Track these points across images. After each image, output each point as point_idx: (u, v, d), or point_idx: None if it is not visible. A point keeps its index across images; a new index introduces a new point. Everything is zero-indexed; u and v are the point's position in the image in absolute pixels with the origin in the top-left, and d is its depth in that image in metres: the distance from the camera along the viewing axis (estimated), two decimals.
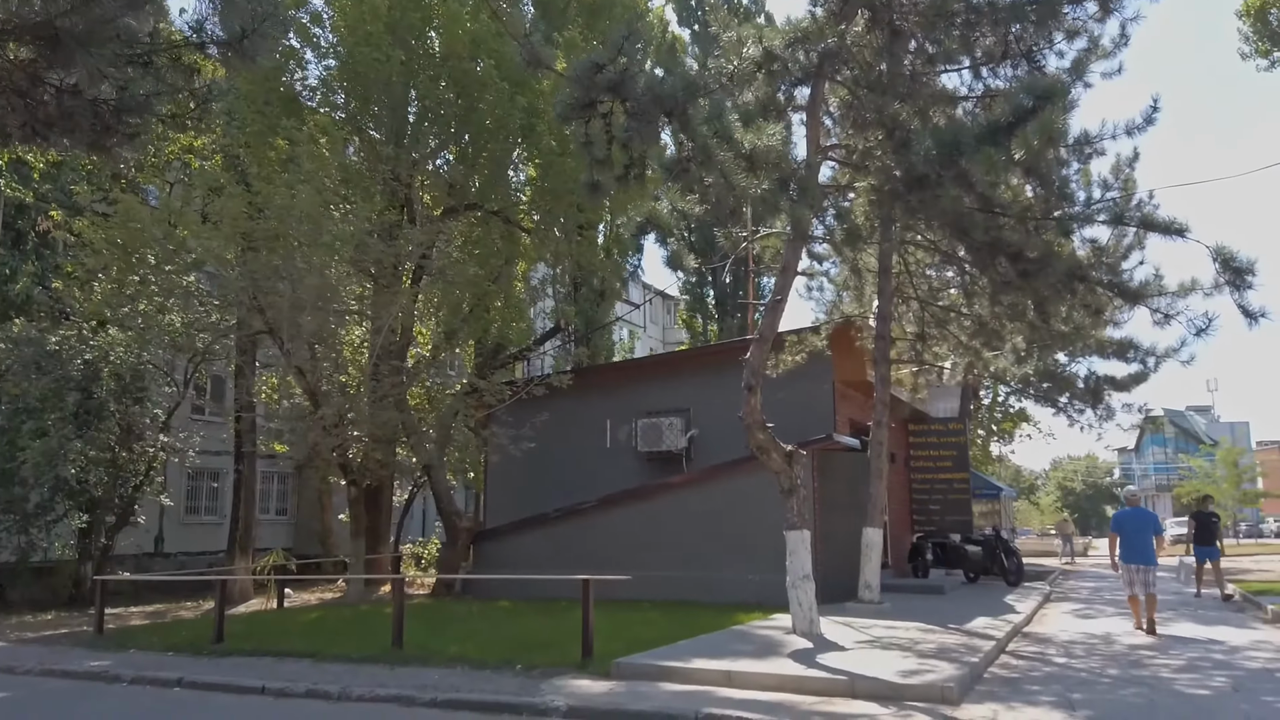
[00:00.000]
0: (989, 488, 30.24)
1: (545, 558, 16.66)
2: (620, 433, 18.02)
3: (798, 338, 15.54)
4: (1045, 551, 43.97)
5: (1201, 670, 9.04)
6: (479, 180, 18.54)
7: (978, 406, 31.74)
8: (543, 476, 18.51)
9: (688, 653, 9.48)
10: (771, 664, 8.78)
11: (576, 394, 18.92)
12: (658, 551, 15.89)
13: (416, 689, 8.45)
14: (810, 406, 16.71)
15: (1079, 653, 10.30)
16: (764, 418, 11.28)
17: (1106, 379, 22.48)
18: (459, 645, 10.53)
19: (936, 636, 10.73)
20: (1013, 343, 15.11)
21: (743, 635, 11.04)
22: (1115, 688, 8.13)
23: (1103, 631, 12.13)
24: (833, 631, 11.21)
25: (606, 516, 16.54)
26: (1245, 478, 55.10)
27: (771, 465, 11.45)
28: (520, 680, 8.77)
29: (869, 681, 7.96)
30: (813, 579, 11.11)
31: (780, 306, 11.18)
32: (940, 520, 21.27)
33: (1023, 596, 16.21)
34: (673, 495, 16.22)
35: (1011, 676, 8.82)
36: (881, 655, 9.33)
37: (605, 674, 8.84)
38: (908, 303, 15.60)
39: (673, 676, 8.57)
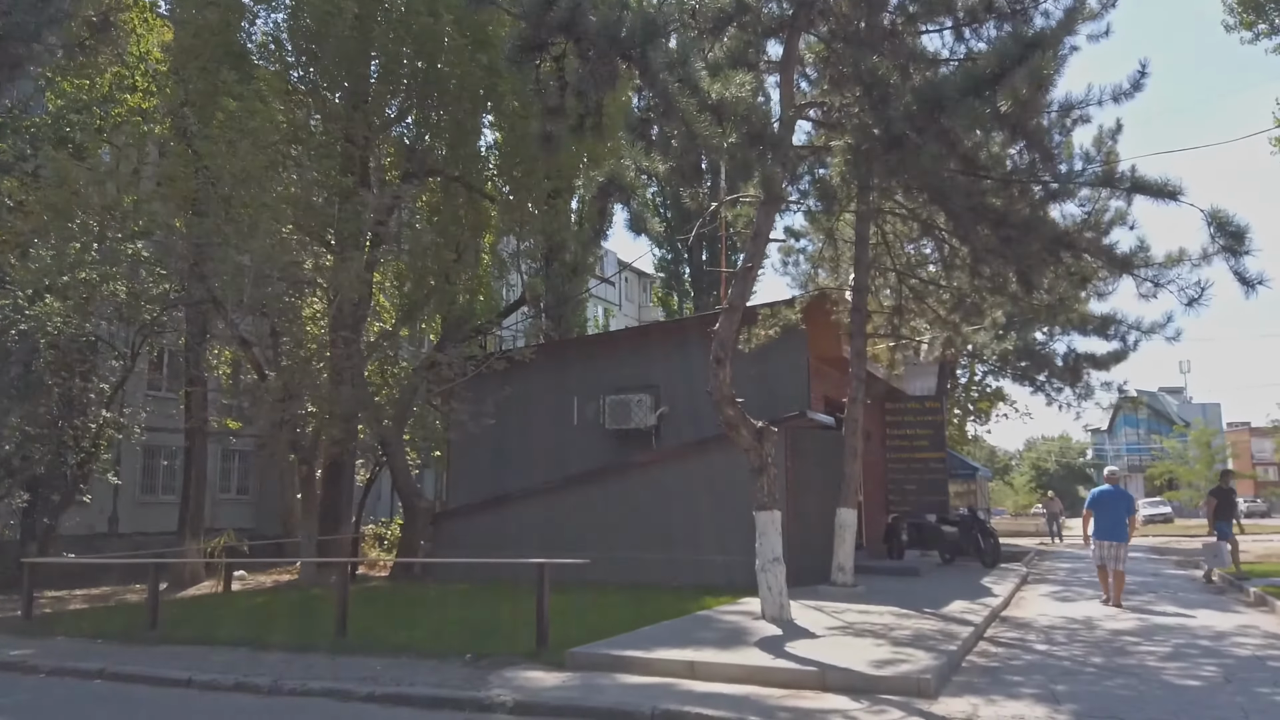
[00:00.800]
0: (964, 468, 29.95)
1: (508, 539, 16.06)
2: (588, 410, 17.38)
3: (771, 311, 14.93)
4: (1020, 531, 43.97)
5: (1189, 658, 8.58)
6: (440, 144, 17.75)
7: (954, 385, 31.40)
8: (508, 455, 17.87)
9: (649, 641, 8.91)
10: (738, 653, 8.23)
11: (543, 370, 18.26)
12: (625, 532, 15.33)
13: (355, 681, 7.83)
14: (784, 383, 16.15)
15: (1060, 639, 9.84)
16: (734, 392, 10.69)
17: (1086, 357, 22.22)
18: (408, 632, 9.92)
19: (912, 622, 10.23)
20: (993, 317, 14.60)
21: (709, 621, 10.50)
22: (1100, 678, 7.64)
23: (1083, 615, 11.69)
24: (804, 617, 10.68)
25: (572, 496, 15.95)
26: (1217, 458, 55.37)
27: (741, 442, 10.88)
28: (468, 671, 8.17)
29: (841, 673, 7.42)
30: (783, 562, 10.58)
31: (751, 274, 10.57)
32: (916, 500, 20.84)
33: (1000, 578, 15.80)
34: (641, 474, 15.64)
35: (990, 665, 8.32)
36: (854, 643, 8.80)
37: (559, 664, 8.25)
38: (885, 275, 15.05)
39: (631, 667, 8.00)
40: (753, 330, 14.90)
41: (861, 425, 13.60)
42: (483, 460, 18.13)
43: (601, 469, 15.99)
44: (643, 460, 15.78)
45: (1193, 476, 55.11)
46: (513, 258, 26.16)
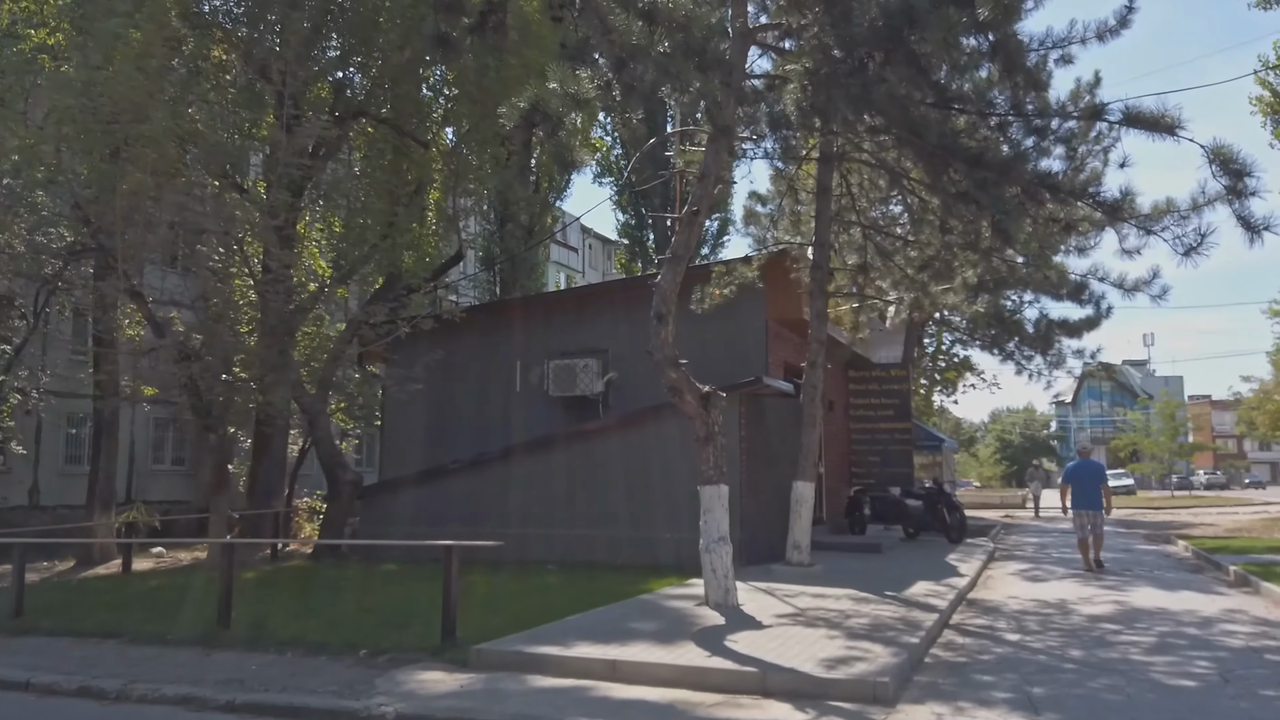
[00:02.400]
0: (930, 439, 29.17)
1: (443, 515, 14.86)
2: (531, 375, 16.20)
3: (726, 269, 13.79)
4: (985, 504, 43.57)
5: (1177, 650, 7.64)
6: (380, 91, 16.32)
7: (921, 355, 30.54)
8: (446, 424, 16.66)
9: (574, 633, 7.81)
10: (671, 649, 7.15)
11: (484, 333, 17.03)
12: (569, 507, 14.22)
13: (218, 685, 6.65)
14: (740, 347, 15.06)
15: (1033, 626, 8.88)
16: (677, 353, 9.56)
17: (1059, 323, 21.30)
18: (304, 623, 8.75)
19: (871, 608, 9.23)
20: (963, 277, 13.55)
21: (648, 607, 9.42)
22: (1082, 677, 6.65)
23: (1056, 598, 10.78)
24: (752, 602, 9.65)
25: (511, 468, 14.79)
26: (1180, 430, 55.39)
27: (685, 409, 9.76)
28: (357, 671, 7.02)
29: (785, 674, 6.37)
30: (730, 542, 9.51)
31: (696, 220, 9.39)
32: (880, 473, 19.94)
33: (966, 555, 14.92)
34: (586, 445, 14.51)
35: (957, 661, 7.32)
36: (805, 635, 7.77)
37: (464, 663, 7.13)
38: (849, 231, 13.94)
39: (544, 667, 6.89)
40: (705, 289, 13.76)
41: (821, 392, 12.56)
42: (419, 430, 16.91)
43: (542, 439, 14.84)
44: (588, 430, 14.64)
45: (1156, 449, 55.07)
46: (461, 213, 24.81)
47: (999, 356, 23.09)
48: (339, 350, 15.07)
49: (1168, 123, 7.71)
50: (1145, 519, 29.51)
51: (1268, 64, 20.12)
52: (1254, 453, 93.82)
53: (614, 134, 38.39)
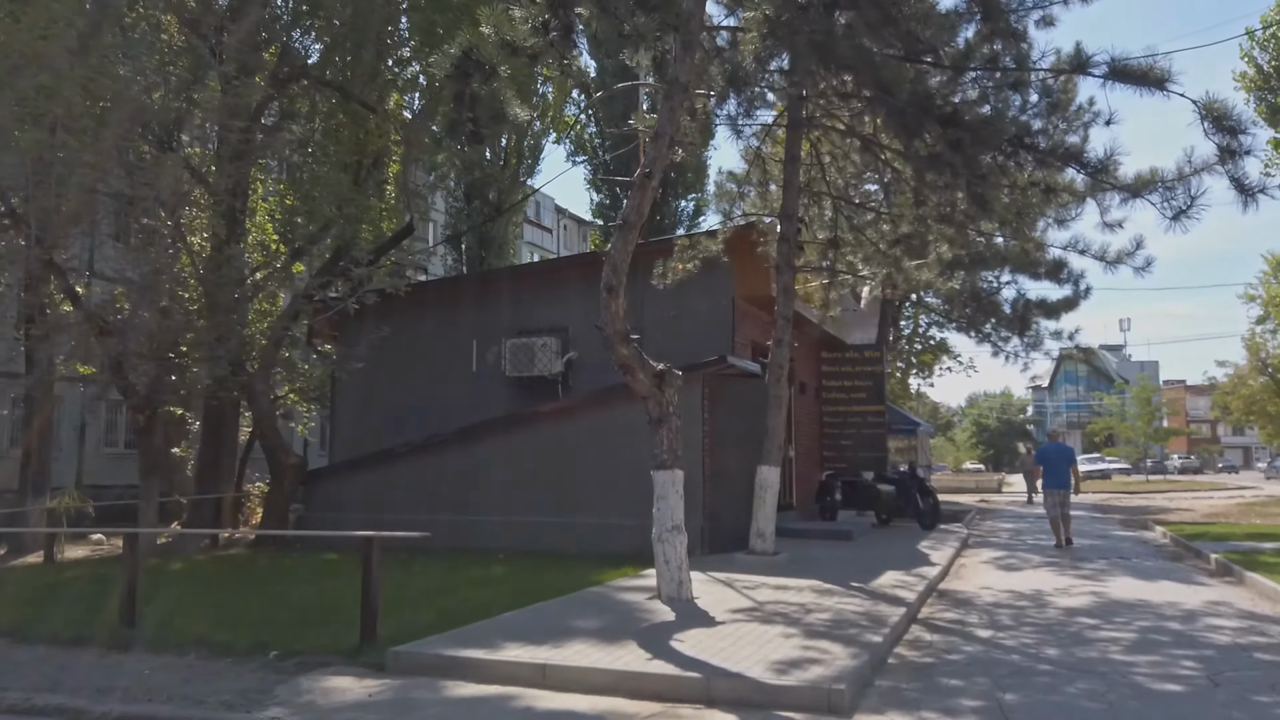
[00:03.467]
0: (906, 422, 28.67)
1: (392, 501, 14.16)
2: (488, 355, 15.45)
3: (690, 242, 13.10)
4: (961, 488, 43.29)
5: (1161, 649, 7.06)
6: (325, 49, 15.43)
7: (897, 337, 30.02)
8: (400, 405, 15.89)
9: (506, 632, 7.14)
10: (610, 651, 6.48)
11: (439, 310, 16.27)
12: (525, 493, 13.53)
13: (99, 693, 5.93)
14: (706, 326, 14.38)
15: (1006, 620, 8.30)
16: (628, 328, 8.86)
17: (1036, 304, 20.79)
18: (218, 621, 8.01)
19: (834, 601, 8.62)
20: (938, 252, 12.93)
21: (595, 602, 8.76)
22: (1059, 681, 6.06)
23: (1031, 588, 10.22)
24: (709, 595, 9.01)
25: (464, 452, 14.07)
26: (1156, 415, 55.41)
27: (638, 388, 9.08)
28: (260, 677, 6.32)
29: (732, 680, 5.72)
30: (684, 531, 8.86)
31: (649, 183, 8.67)
32: (853, 457, 19.37)
33: (939, 542, 14.39)
34: (542, 427, 13.81)
35: (924, 662, 6.71)
36: (760, 632, 7.13)
37: (380, 667, 6.44)
38: (820, 203, 13.27)
39: (467, 671, 6.21)
40: (668, 263, 13.07)
41: (787, 371, 11.92)
42: (371, 412, 16.15)
43: (497, 421, 14.12)
44: (544, 411, 13.94)
45: (1131, 433, 55.07)
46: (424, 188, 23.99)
47: (975, 338, 22.62)
48: (282, 327, 14.25)
49: (1156, 76, 7.07)
50: (1121, 504, 29.22)
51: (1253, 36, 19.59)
52: (1227, 438, 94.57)
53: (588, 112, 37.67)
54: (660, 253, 13.36)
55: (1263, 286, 42.20)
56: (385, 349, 16.20)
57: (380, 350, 16.14)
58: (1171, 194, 7.40)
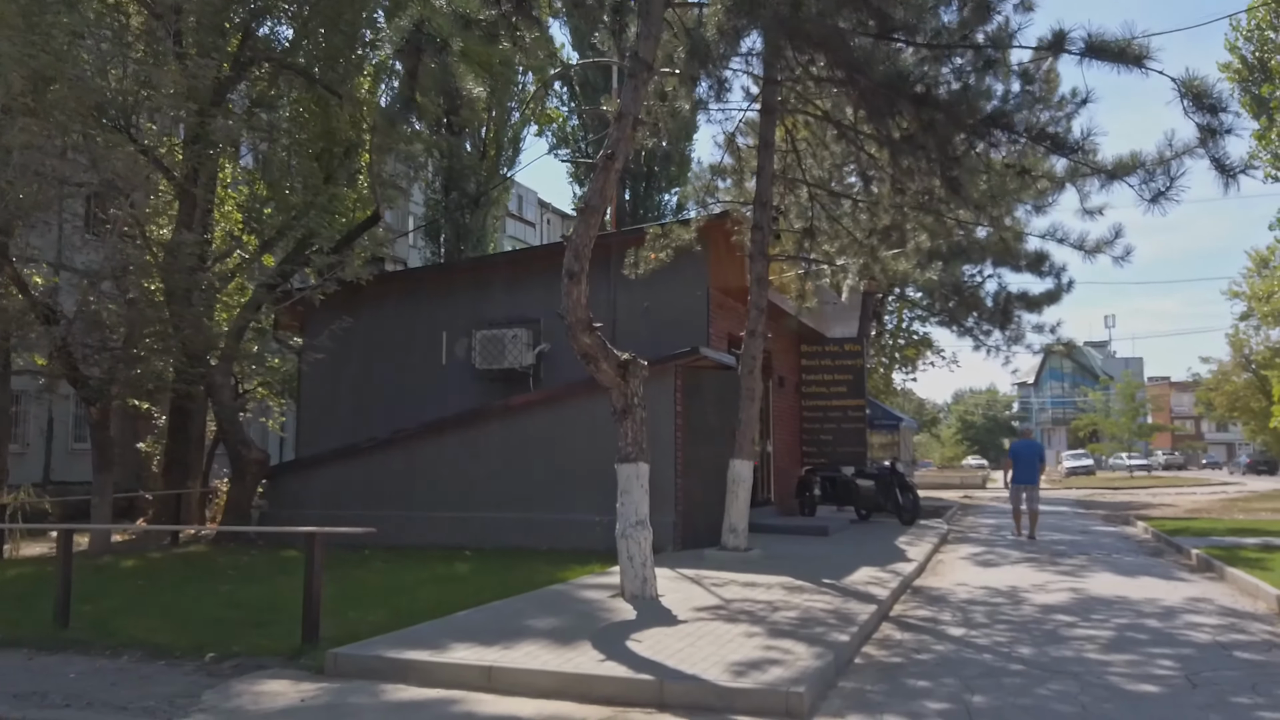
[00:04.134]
0: (888, 418, 28.48)
1: (356, 496, 13.82)
2: (458, 347, 15.09)
3: (662, 230, 12.78)
4: (946, 484, 43.19)
5: (1138, 647, 6.80)
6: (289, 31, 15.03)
7: (880, 331, 29.81)
8: (368, 398, 15.53)
9: (456, 633, 6.81)
10: (562, 652, 6.17)
11: (410, 301, 15.89)
12: (492, 488, 13.19)
13: (16, 700, 5.57)
14: (681, 318, 14.09)
15: (980, 618, 8.03)
16: (591, 315, 8.54)
17: (1018, 296, 20.57)
18: (157, 621, 7.67)
19: (804, 598, 8.33)
20: (915, 241, 12.66)
21: (555, 600, 8.45)
22: (1030, 682, 5.78)
23: (1008, 585, 9.96)
24: (675, 592, 8.71)
25: (430, 446, 13.73)
26: (1140, 411, 55.49)
27: (601, 379, 8.77)
28: (192, 681, 5.98)
29: (686, 683, 5.41)
30: (649, 526, 8.56)
31: (612, 165, 8.35)
32: (833, 452, 19.13)
33: (917, 538, 14.13)
34: (511, 421, 13.47)
35: (891, 662, 6.42)
36: (722, 632, 6.83)
37: (319, 670, 6.11)
38: (795, 191, 12.97)
39: (409, 675, 5.89)
40: (640, 253, 12.75)
41: (762, 364, 11.62)
42: (339, 406, 15.77)
43: (464, 415, 13.78)
44: (513, 405, 13.60)
45: (1116, 429, 55.14)
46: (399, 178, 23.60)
47: (957, 332, 22.40)
48: (244, 318, 13.86)
49: (1134, 53, 6.80)
50: (1104, 499, 29.12)
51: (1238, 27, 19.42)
52: (1211, 434, 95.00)
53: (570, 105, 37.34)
54: (633, 242, 13.04)
55: (1246, 283, 42.28)
56: (353, 341, 15.84)
57: (348, 343, 15.77)
58: (1151, 176, 7.13)
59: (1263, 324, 43.53)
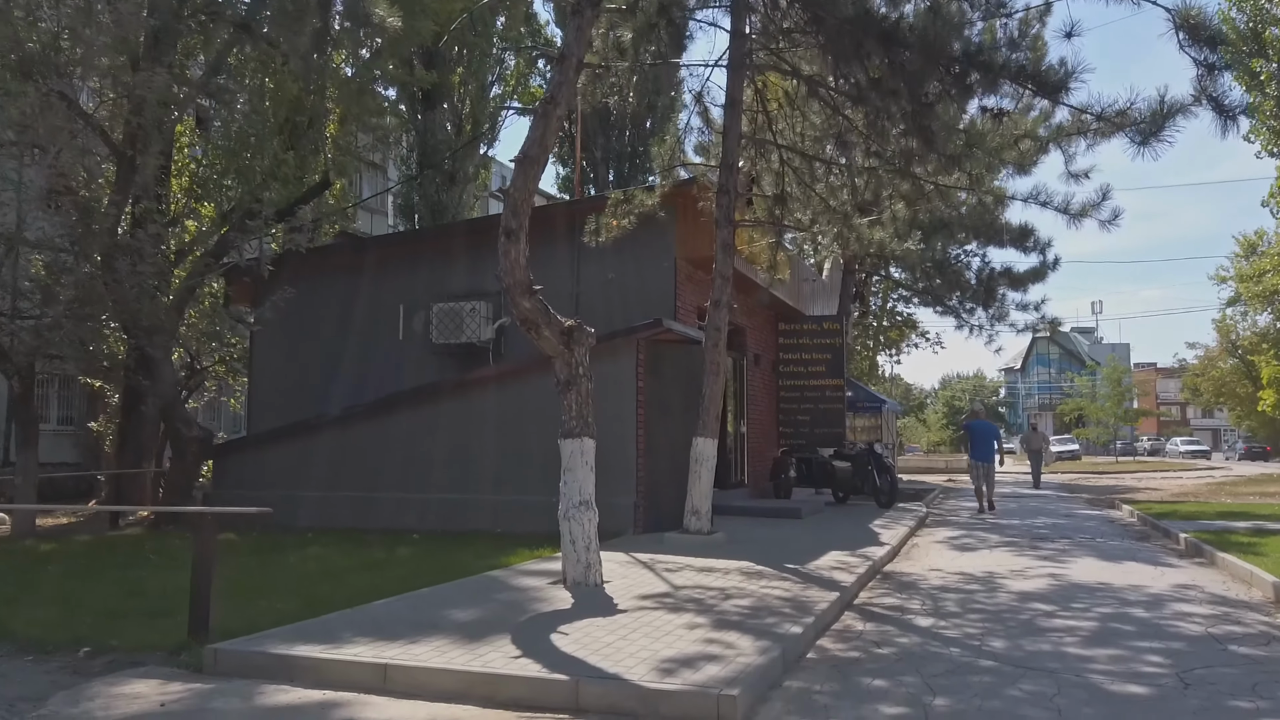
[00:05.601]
0: (871, 400, 27.88)
1: (305, 477, 13.10)
2: (415, 321, 14.33)
3: (625, 196, 12.03)
4: (930, 468, 42.70)
5: (1123, 640, 6.15)
6: None
7: (865, 313, 29.15)
8: (323, 375, 14.76)
9: (367, 625, 6.10)
10: (475, 647, 5.46)
11: (367, 272, 15.10)
12: (448, 469, 12.47)
13: None
14: (648, 291, 13.37)
15: (951, 607, 7.37)
16: (531, 278, 7.81)
17: (1001, 273, 19.96)
18: (42, 612, 6.93)
19: (761, 585, 7.65)
20: (892, 209, 11.96)
21: (490, 587, 7.74)
22: (1000, 681, 5.11)
23: (984, 570, 9.31)
24: (623, 578, 8.02)
25: (381, 425, 12.99)
26: (1126, 396, 55.12)
27: (543, 346, 8.06)
28: (54, 679, 5.26)
29: (606, 684, 4.72)
30: (594, 508, 7.86)
31: (553, 112, 7.60)
32: (810, 433, 18.50)
33: (893, 521, 13.50)
34: (467, 398, 12.74)
35: (848, 657, 5.74)
36: (663, 623, 6.14)
37: (198, 667, 5.40)
38: (766, 155, 12.24)
39: (297, 674, 5.18)
40: (601, 220, 12.01)
41: (725, 334, 10.92)
42: (293, 382, 15.01)
43: (418, 391, 13.03)
44: (469, 381, 12.86)
45: (1102, 414, 54.75)
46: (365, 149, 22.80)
47: (940, 311, 21.78)
48: (186, 289, 13.06)
49: None
50: (1089, 483, 28.60)
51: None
52: (1196, 420, 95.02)
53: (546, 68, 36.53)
54: (596, 209, 12.31)
55: (1234, 268, 41.81)
56: (309, 315, 15.08)
57: (303, 317, 15.02)
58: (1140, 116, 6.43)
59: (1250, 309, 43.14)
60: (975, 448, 16.61)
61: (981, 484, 16.43)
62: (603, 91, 11.58)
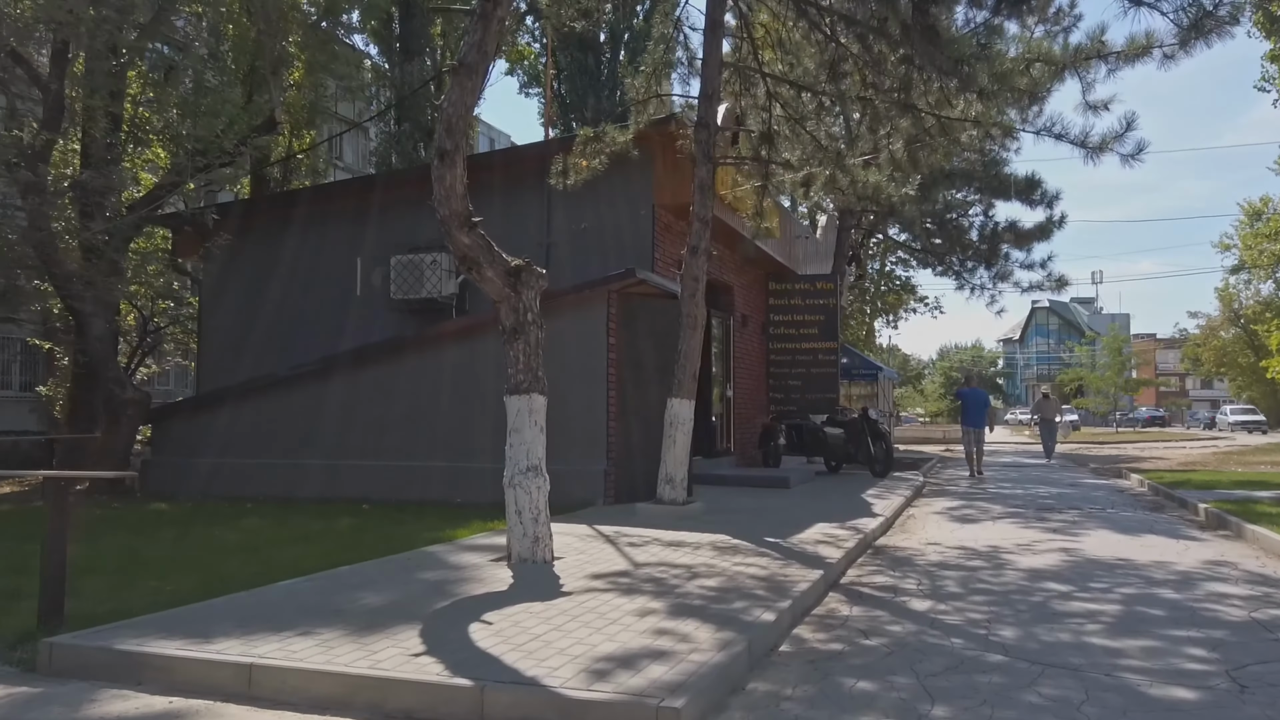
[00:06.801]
0: (867, 367, 26.88)
1: (252, 441, 12.12)
2: (374, 275, 13.28)
3: (594, 135, 10.92)
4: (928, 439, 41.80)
5: (1154, 627, 5.18)
6: None
7: (862, 275, 28.08)
8: (277, 333, 13.73)
9: (253, 612, 5.13)
10: (373, 641, 4.49)
11: (323, 223, 14.02)
12: (405, 433, 11.47)
13: None
14: (624, 241, 12.34)
15: (952, 587, 6.41)
16: (471, 209, 6.77)
17: (1006, 228, 18.90)
18: None
19: (734, 561, 6.68)
20: (890, 150, 10.88)
21: (419, 564, 6.76)
22: (1012, 683, 4.14)
23: (988, 545, 8.36)
24: (579, 554, 7.06)
25: (334, 386, 11.97)
26: (1126, 365, 54.25)
27: (488, 289, 7.05)
28: None
29: (518, 690, 3.74)
30: (545, 474, 6.89)
31: (493, 12, 6.52)
32: (802, 399, 17.53)
33: (888, 490, 12.56)
34: (425, 356, 11.71)
35: (828, 650, 4.77)
36: (610, 609, 5.16)
37: (31, 665, 4.42)
38: (752, 89, 11.13)
39: (145, 674, 4.20)
40: (570, 160, 10.93)
41: (704, 285, 9.86)
42: (245, 342, 13.96)
43: (372, 349, 11.99)
44: (428, 338, 11.84)
45: (1101, 384, 53.88)
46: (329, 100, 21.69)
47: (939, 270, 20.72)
48: (121, 239, 11.97)
49: None
50: (1091, 453, 27.72)
51: None
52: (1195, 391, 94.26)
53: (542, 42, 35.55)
54: (566, 150, 11.23)
55: (1239, 236, 40.71)
56: (261, 269, 14.07)
57: (255, 271, 14.05)
58: None
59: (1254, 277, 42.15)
60: (967, 414, 17.08)
61: (973, 448, 16.68)
62: (569, 14, 10.46)
